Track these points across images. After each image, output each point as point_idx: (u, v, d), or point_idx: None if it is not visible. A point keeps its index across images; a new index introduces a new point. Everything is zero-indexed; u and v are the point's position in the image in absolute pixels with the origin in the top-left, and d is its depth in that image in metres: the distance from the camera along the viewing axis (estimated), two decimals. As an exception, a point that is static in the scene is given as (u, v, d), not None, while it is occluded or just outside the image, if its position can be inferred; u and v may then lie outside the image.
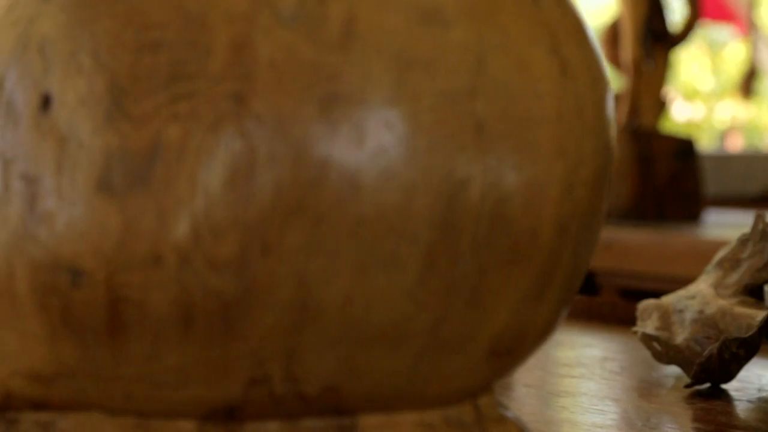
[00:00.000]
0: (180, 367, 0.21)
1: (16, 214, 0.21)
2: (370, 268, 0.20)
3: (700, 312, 0.40)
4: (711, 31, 3.74)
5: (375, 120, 0.20)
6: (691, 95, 3.75)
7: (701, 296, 0.41)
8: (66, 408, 0.22)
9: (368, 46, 0.20)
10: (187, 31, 0.20)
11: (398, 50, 0.20)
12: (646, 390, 0.39)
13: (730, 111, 3.65)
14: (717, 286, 0.41)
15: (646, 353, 0.49)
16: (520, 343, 0.23)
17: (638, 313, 0.43)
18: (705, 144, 3.09)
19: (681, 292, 0.43)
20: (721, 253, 0.43)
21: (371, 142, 0.20)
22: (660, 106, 1.08)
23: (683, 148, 1.09)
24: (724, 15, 3.26)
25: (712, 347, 0.37)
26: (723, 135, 3.67)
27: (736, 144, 3.56)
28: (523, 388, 0.38)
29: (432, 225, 0.20)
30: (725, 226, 1.05)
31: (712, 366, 0.37)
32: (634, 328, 0.44)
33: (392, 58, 0.20)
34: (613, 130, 0.24)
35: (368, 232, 0.20)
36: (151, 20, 0.21)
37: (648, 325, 0.45)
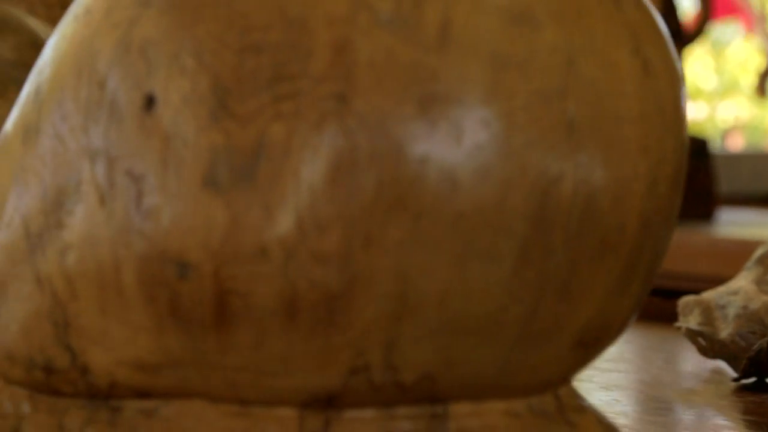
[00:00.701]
0: (283, 356, 0.22)
1: (121, 209, 0.22)
2: (467, 261, 0.21)
3: (744, 308, 0.41)
4: (715, 30, 3.74)
5: (472, 118, 0.21)
6: (694, 95, 3.76)
7: (744, 292, 0.42)
8: (169, 396, 0.23)
9: (464, 47, 0.21)
10: (288, 34, 0.21)
11: (492, 51, 0.21)
12: (692, 383, 0.40)
13: (734, 110, 3.66)
14: (759, 282, 0.42)
15: (685, 347, 0.50)
16: (604, 334, 0.23)
17: (679, 309, 0.44)
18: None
19: (721, 289, 0.44)
20: (761, 251, 0.44)
21: (468, 140, 0.21)
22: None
23: (697, 147, 1.09)
24: (731, 11, 3.27)
25: (761, 342, 0.38)
26: (724, 134, 3.68)
27: (737, 143, 3.57)
28: (573, 382, 0.38)
29: (526, 219, 0.21)
30: (740, 224, 1.06)
31: (761, 360, 0.38)
32: (677, 324, 0.45)
33: (487, 59, 0.21)
34: (687, 128, 0.25)
35: (466, 226, 0.21)
36: (253, 23, 0.22)
37: (690, 321, 0.46)
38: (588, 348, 0.23)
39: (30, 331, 0.24)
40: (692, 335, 0.46)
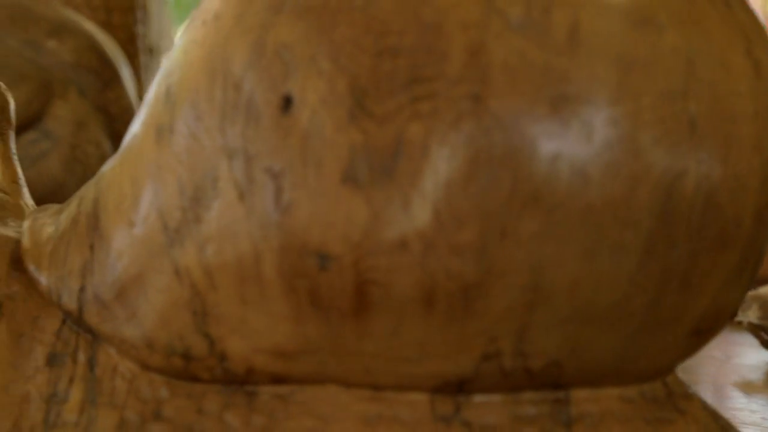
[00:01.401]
0: (419, 343, 0.23)
1: (261, 204, 0.23)
2: (596, 253, 0.22)
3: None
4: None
5: (601, 117, 0.22)
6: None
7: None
8: (303, 381, 0.24)
9: (591, 50, 0.22)
10: (424, 38, 0.22)
11: (618, 53, 0.22)
12: (755, 376, 0.41)
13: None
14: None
15: (746, 341, 0.51)
16: (717, 323, 0.24)
17: (740, 304, 0.45)
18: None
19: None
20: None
21: (598, 138, 0.22)
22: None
23: None
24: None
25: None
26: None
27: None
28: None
29: (652, 213, 0.22)
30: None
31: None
32: (738, 318, 0.46)
33: (613, 61, 0.22)
34: None
35: (596, 219, 0.22)
36: (390, 28, 0.23)
37: (749, 315, 0.47)
38: (701, 336, 0.24)
39: (169, 320, 0.25)
40: (754, 329, 0.47)
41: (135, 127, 0.27)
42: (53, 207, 0.29)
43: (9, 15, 0.70)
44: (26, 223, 0.28)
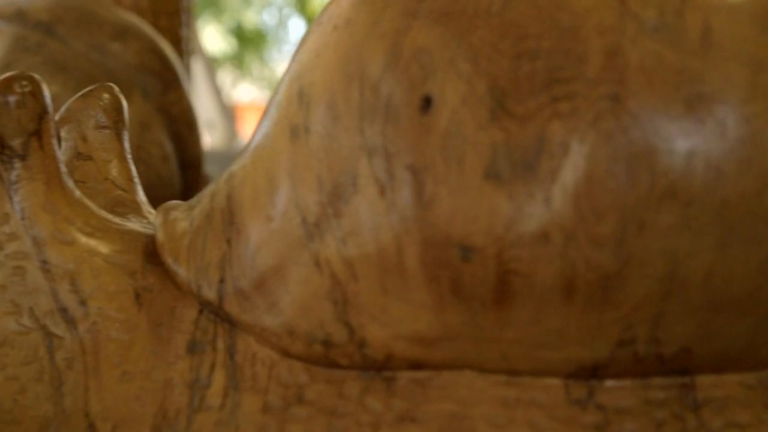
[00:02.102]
0: (558, 331, 0.24)
1: (403, 199, 0.25)
2: (730, 245, 0.23)
3: None
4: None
5: (735, 116, 0.23)
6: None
7: None
8: (441, 367, 0.26)
9: (724, 52, 0.23)
10: (562, 42, 0.24)
11: (750, 55, 0.23)
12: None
13: None
14: None
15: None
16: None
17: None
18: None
19: None
20: None
21: (732, 135, 0.23)
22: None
23: None
24: None
25: None
26: None
27: None
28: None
29: (782, 207, 0.23)
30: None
31: None
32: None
33: (746, 63, 0.23)
34: None
35: (730, 213, 0.23)
36: (528, 32, 0.24)
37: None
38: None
39: (310, 310, 0.26)
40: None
41: (265, 127, 0.29)
42: (181, 203, 0.31)
43: (75, 19, 0.71)
44: (158, 219, 0.30)
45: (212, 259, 0.28)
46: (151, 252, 0.30)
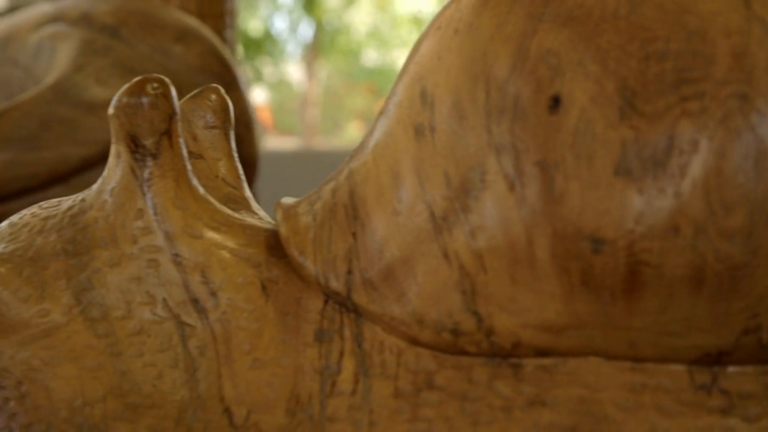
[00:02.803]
0: (685, 319, 0.25)
1: (533, 194, 0.26)
2: None
3: None
4: None
5: None
6: None
7: None
8: (567, 354, 0.27)
9: None
10: (690, 44, 0.25)
11: None
12: None
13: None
14: None
15: None
16: None
17: None
18: None
19: None
20: None
21: None
22: None
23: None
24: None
25: None
26: None
27: None
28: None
29: None
30: None
31: None
32: None
33: None
34: None
35: None
36: (655, 35, 0.25)
37: None
38: None
39: (439, 300, 0.27)
40: None
41: (385, 126, 0.30)
42: (297, 200, 0.32)
43: (138, 22, 0.73)
44: (278, 215, 0.31)
45: (338, 251, 0.29)
46: (272, 245, 0.31)
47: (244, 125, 0.74)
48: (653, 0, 0.26)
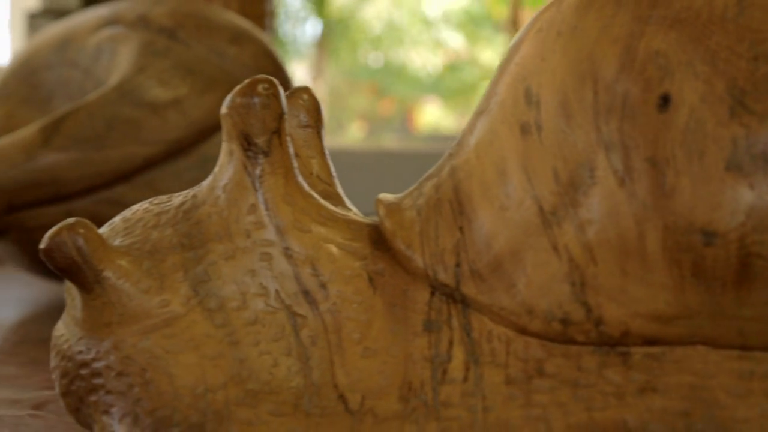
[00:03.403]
0: (794, 308, 0.26)
1: (644, 189, 0.27)
2: None
3: None
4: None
5: None
6: None
7: None
8: (674, 343, 0.28)
9: None
10: (798, 45, 0.26)
11: None
12: None
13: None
14: None
15: None
16: None
17: None
18: None
19: None
20: None
21: None
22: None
23: None
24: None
25: None
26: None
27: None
28: None
29: None
30: None
31: None
32: None
33: None
34: None
35: None
36: (764, 36, 0.26)
37: None
38: None
39: (548, 290, 0.29)
40: None
41: (486, 124, 0.31)
42: (396, 195, 0.33)
43: (195, 24, 0.74)
44: (381, 210, 0.32)
45: (446, 245, 0.31)
46: (375, 240, 0.32)
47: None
48: (761, 2, 0.27)
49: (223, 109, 0.32)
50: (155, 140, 0.65)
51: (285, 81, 0.75)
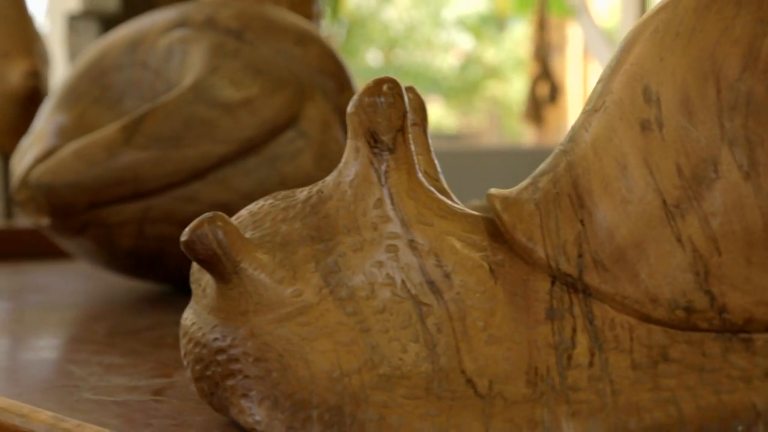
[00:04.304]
0: None
1: (769, 183, 0.29)
2: None
3: None
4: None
5: None
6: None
7: None
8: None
9: None
10: None
11: None
12: None
13: None
14: None
15: None
16: None
17: None
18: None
19: None
20: None
21: None
22: None
23: None
24: None
25: None
26: None
27: None
28: None
29: None
30: None
31: None
32: None
33: None
34: None
35: None
36: None
37: None
38: None
39: (672, 280, 0.30)
40: None
41: (603, 122, 0.32)
42: (510, 190, 0.35)
43: (261, 26, 0.76)
44: (497, 204, 0.34)
45: (568, 237, 0.32)
46: (492, 232, 0.34)
47: (356, 124, 0.77)
48: None
49: (350, 109, 0.34)
50: (229, 139, 0.67)
51: (348, 80, 0.77)
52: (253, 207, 0.36)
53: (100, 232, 0.66)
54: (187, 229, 0.33)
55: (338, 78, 0.77)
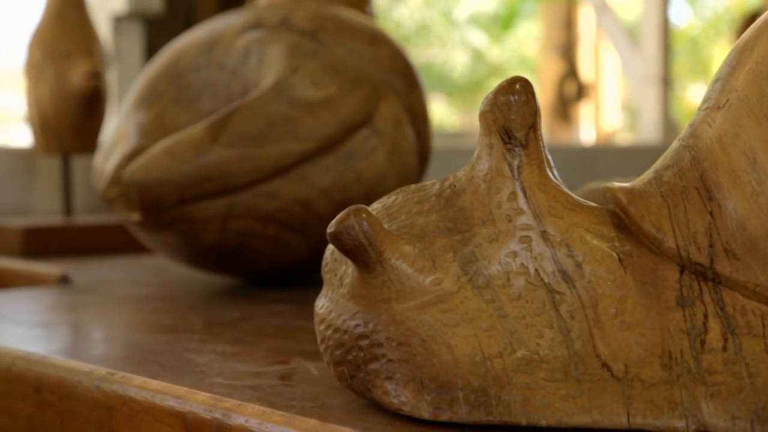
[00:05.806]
0: None
1: None
2: None
3: None
4: None
5: None
6: None
7: None
8: None
9: None
10: None
11: None
12: None
13: None
14: None
15: None
16: None
17: None
18: None
19: None
20: None
21: None
22: None
23: None
24: None
25: None
26: None
27: None
28: None
29: None
30: None
31: None
32: None
33: None
34: None
35: None
36: None
37: None
38: None
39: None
40: None
41: (730, 118, 0.34)
42: (632, 183, 0.36)
43: (334, 27, 0.77)
44: (623, 196, 0.35)
45: (698, 228, 0.34)
46: (617, 224, 0.35)
47: (423, 121, 0.78)
48: None
49: (484, 107, 0.35)
50: (309, 137, 0.69)
51: (416, 80, 0.78)
52: (385, 200, 0.37)
53: (185, 228, 0.68)
54: (333, 221, 0.34)
55: (408, 77, 0.78)
